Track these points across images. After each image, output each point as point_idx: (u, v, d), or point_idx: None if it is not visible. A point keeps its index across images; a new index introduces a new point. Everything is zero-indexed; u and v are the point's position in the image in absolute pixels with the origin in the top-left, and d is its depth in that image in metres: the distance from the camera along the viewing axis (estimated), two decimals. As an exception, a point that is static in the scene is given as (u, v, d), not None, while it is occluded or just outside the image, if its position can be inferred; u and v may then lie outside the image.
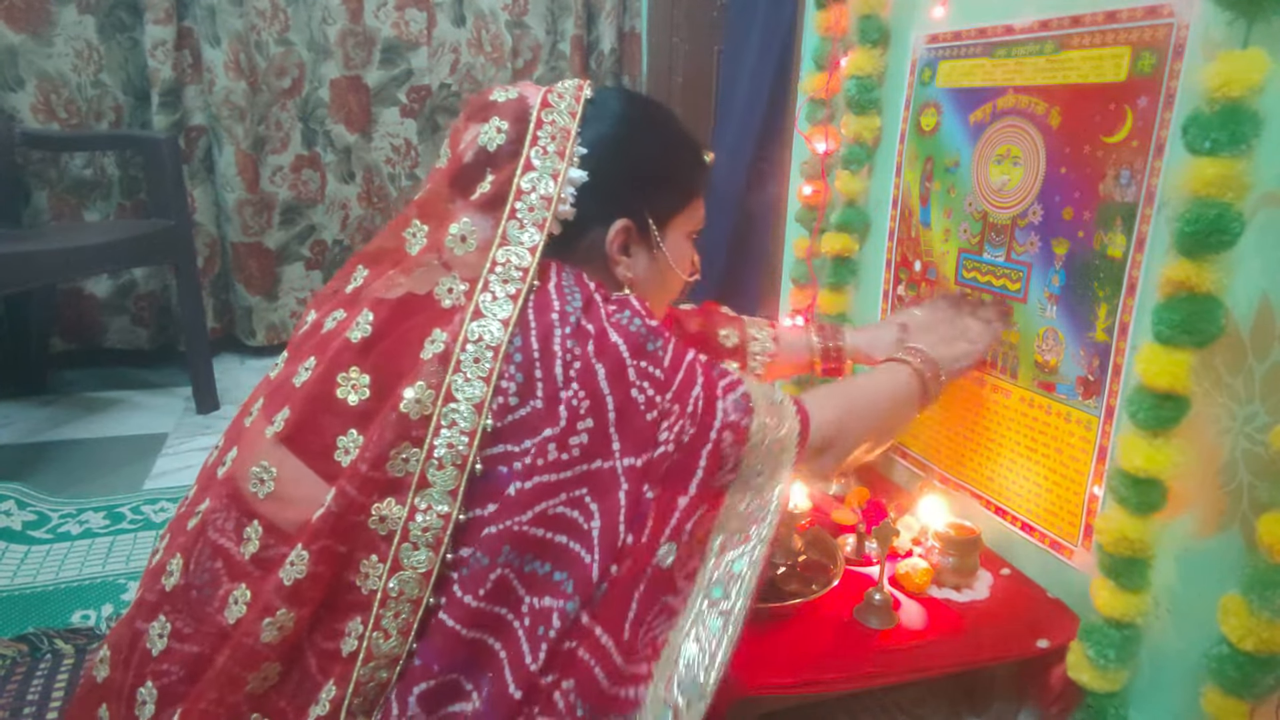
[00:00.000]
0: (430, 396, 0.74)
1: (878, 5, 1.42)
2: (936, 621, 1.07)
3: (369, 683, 0.74)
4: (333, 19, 2.64)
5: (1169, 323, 0.88)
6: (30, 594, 1.45)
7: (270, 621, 0.74)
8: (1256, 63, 0.81)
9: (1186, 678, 0.94)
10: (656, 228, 0.91)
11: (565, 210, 0.83)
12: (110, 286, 2.58)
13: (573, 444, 0.74)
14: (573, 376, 0.75)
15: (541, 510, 0.73)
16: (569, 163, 0.83)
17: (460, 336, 0.76)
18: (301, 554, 0.74)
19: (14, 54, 2.34)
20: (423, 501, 0.73)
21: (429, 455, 0.73)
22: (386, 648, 0.73)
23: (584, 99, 0.87)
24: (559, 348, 0.76)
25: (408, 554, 0.73)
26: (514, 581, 0.74)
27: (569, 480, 0.74)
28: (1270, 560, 0.83)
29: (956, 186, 1.29)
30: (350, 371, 0.79)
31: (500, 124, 0.84)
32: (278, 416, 0.80)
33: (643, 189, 0.90)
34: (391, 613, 0.73)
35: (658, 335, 0.80)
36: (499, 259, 0.80)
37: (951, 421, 1.33)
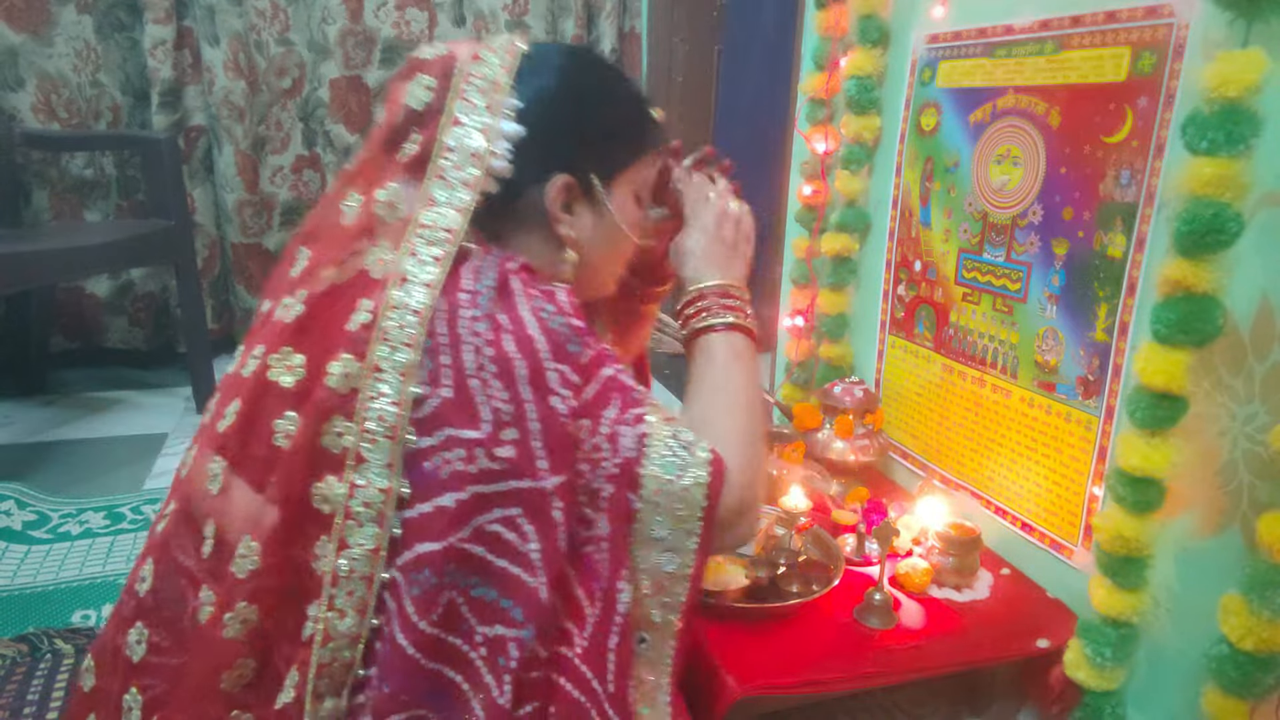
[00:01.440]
0: (357, 368, 0.72)
1: (878, 5, 1.42)
2: (936, 621, 1.07)
3: (332, 663, 0.72)
4: (333, 19, 2.64)
5: (1167, 322, 0.88)
6: (30, 594, 1.45)
7: (232, 616, 0.73)
8: (1256, 63, 0.81)
9: (1186, 677, 0.94)
10: (601, 185, 0.84)
11: (499, 167, 0.78)
12: (110, 287, 2.58)
13: (500, 455, 0.70)
14: (487, 367, 0.71)
15: (479, 526, 0.71)
16: (499, 116, 0.78)
17: (385, 303, 0.73)
18: (251, 545, 0.73)
19: (14, 54, 2.34)
20: (360, 477, 0.71)
21: (361, 429, 0.71)
22: (344, 627, 0.71)
23: (519, 52, 0.82)
24: (465, 331, 0.72)
25: (353, 531, 0.71)
26: (463, 608, 0.71)
27: (501, 495, 0.71)
28: (1270, 560, 0.83)
29: (956, 186, 1.29)
30: (282, 352, 0.76)
31: (427, 81, 0.79)
32: (228, 410, 0.79)
33: (584, 144, 0.84)
34: (345, 591, 0.71)
35: (581, 336, 0.75)
36: (425, 221, 0.76)
37: (951, 421, 1.34)
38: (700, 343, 0.89)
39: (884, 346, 1.51)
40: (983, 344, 1.26)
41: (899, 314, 1.46)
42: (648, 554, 0.77)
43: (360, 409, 0.71)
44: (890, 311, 1.48)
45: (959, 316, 1.31)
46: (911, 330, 1.42)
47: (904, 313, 1.44)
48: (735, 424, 0.82)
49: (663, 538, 0.76)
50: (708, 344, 0.89)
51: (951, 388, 1.33)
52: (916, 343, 1.41)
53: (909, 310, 1.43)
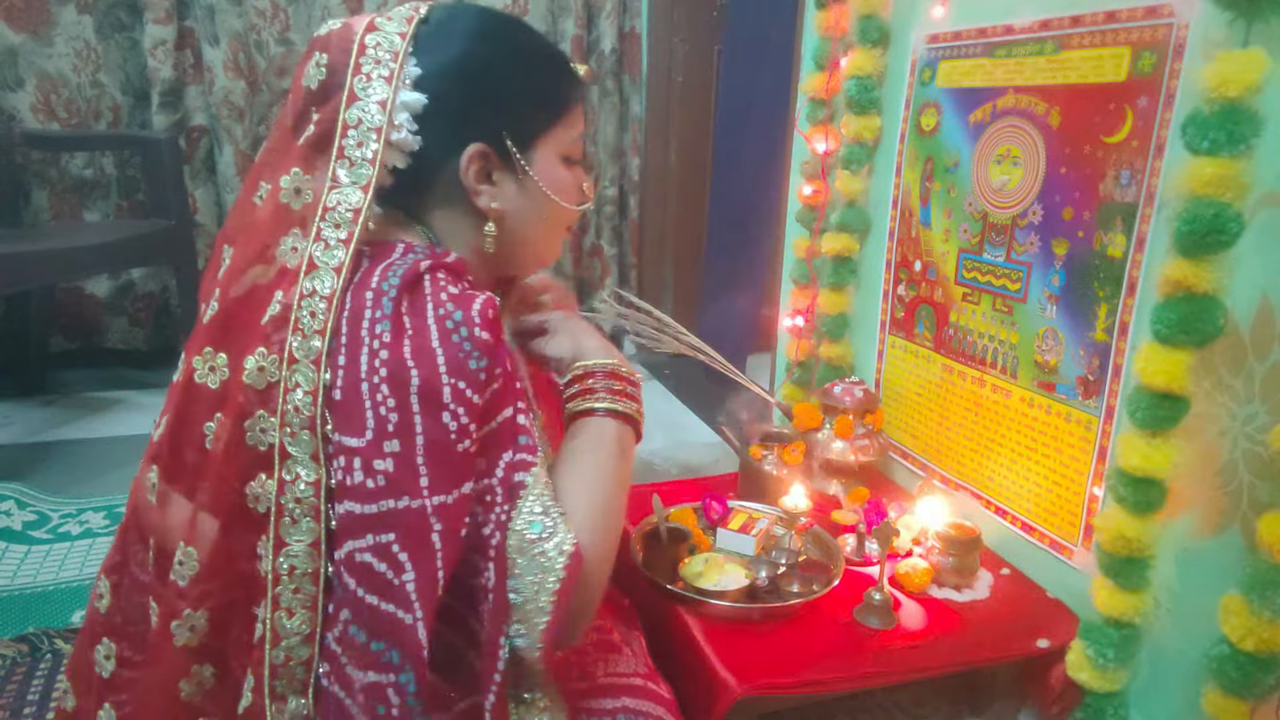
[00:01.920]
0: (273, 361, 0.69)
1: (878, 5, 1.42)
2: (936, 621, 1.07)
3: (287, 663, 0.70)
4: (333, 18, 2.64)
5: (1168, 322, 0.88)
6: (30, 594, 1.45)
7: (179, 624, 0.71)
8: (1256, 62, 0.81)
9: (1187, 677, 0.94)
10: (519, 150, 0.79)
11: (403, 140, 0.75)
12: (110, 287, 2.58)
13: (378, 469, 0.66)
14: (379, 371, 0.67)
15: (349, 553, 0.66)
16: (397, 87, 0.74)
17: (296, 293, 0.70)
18: (188, 551, 0.72)
19: (14, 54, 2.34)
20: (289, 472, 0.69)
21: (282, 422, 0.68)
22: (294, 625, 0.70)
23: (417, 19, 0.77)
24: (365, 333, 0.68)
25: (288, 529, 0.69)
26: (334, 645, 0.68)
27: (374, 518, 0.66)
28: (1270, 560, 0.83)
29: (956, 186, 1.29)
30: (204, 353, 0.74)
31: (321, 58, 0.75)
32: (163, 419, 0.77)
33: (495, 108, 0.79)
34: (290, 589, 0.69)
35: (485, 354, 0.69)
36: (329, 203, 0.72)
37: (951, 421, 1.33)
38: (580, 422, 0.81)
39: (884, 346, 1.51)
40: (983, 344, 1.26)
41: (899, 314, 1.46)
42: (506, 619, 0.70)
43: (279, 402, 0.69)
44: (890, 311, 1.48)
45: (959, 316, 1.31)
46: (911, 330, 1.42)
47: (904, 313, 1.44)
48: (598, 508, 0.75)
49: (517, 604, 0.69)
50: (586, 425, 0.81)
51: (951, 388, 1.33)
52: (916, 343, 1.41)
53: (909, 310, 1.43)
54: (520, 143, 0.80)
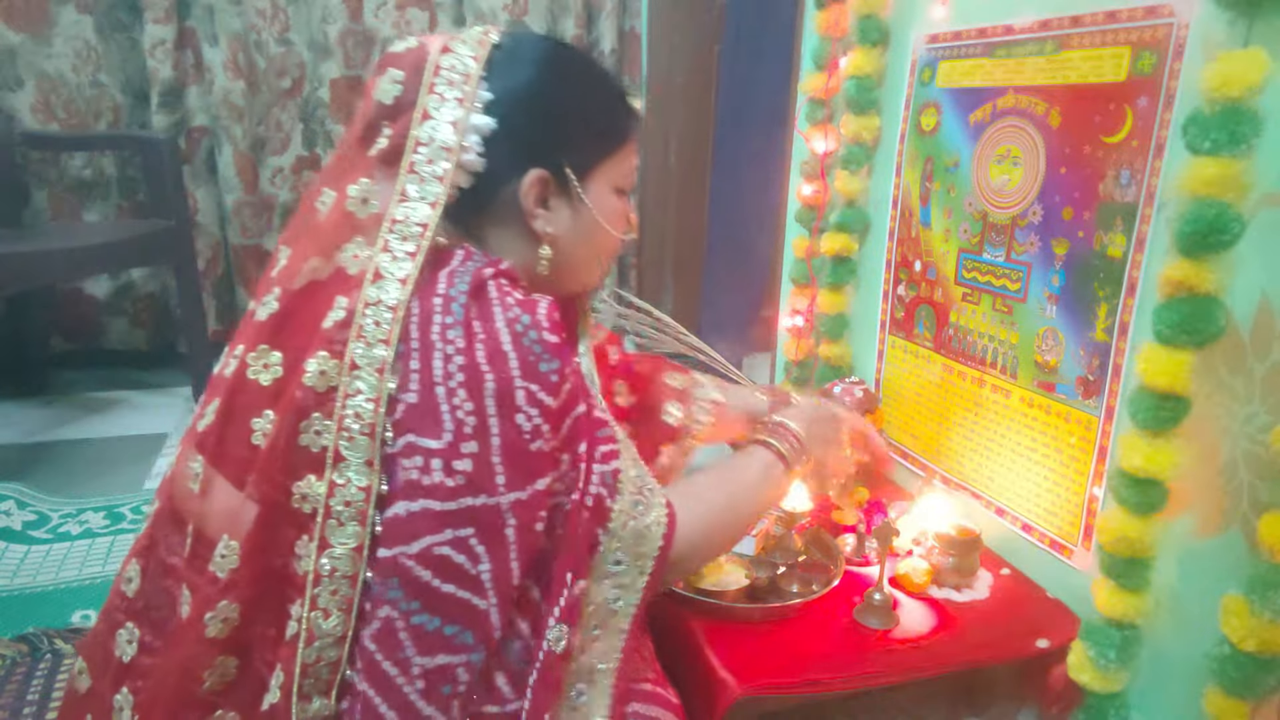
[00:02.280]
0: (334, 366, 0.71)
1: (878, 5, 1.42)
2: (936, 621, 1.07)
3: (317, 663, 0.71)
4: (333, 19, 2.64)
5: (1169, 323, 0.88)
6: (30, 594, 1.45)
7: (213, 615, 0.72)
8: (1256, 63, 0.81)
9: (1188, 678, 0.94)
10: (577, 179, 0.83)
11: (470, 160, 0.78)
12: (110, 288, 2.58)
13: (457, 469, 0.69)
14: (454, 376, 0.70)
15: (427, 547, 0.69)
16: (471, 109, 0.77)
17: (361, 300, 0.72)
18: (230, 544, 0.73)
19: (13, 54, 2.34)
20: (340, 476, 0.70)
21: (339, 427, 0.70)
22: (328, 627, 0.70)
23: (490, 44, 0.81)
24: (437, 337, 0.71)
25: (333, 531, 0.70)
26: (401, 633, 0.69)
27: (453, 514, 0.69)
28: (1271, 560, 0.83)
29: (956, 186, 1.29)
30: (259, 350, 0.75)
31: (396, 74, 0.78)
32: (209, 409, 0.78)
33: (558, 137, 0.83)
34: (328, 591, 0.70)
35: (555, 355, 0.73)
36: (397, 216, 0.75)
37: (951, 421, 1.33)
38: (749, 446, 0.97)
39: (884, 346, 1.51)
40: (983, 344, 1.26)
41: (899, 314, 1.46)
42: (601, 587, 0.78)
43: (338, 407, 0.70)
44: (890, 311, 1.48)
45: (959, 316, 1.31)
46: (911, 330, 1.42)
47: (904, 313, 1.44)
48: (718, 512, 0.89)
49: (617, 573, 0.78)
50: (752, 449, 0.97)
51: (951, 388, 1.33)
52: (916, 343, 1.41)
53: (909, 310, 1.43)
54: (579, 171, 0.84)
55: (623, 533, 0.77)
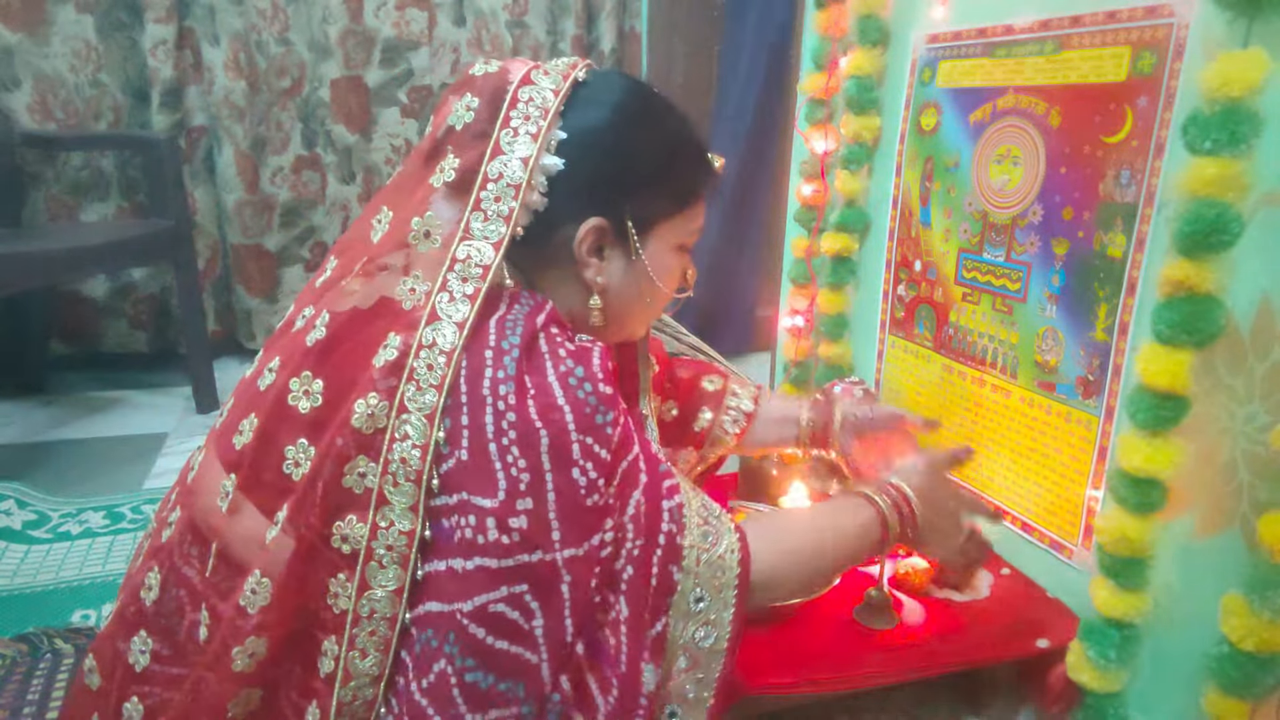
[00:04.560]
0: (384, 408, 0.68)
1: (878, 5, 1.42)
2: (936, 621, 1.07)
3: (353, 702, 0.71)
4: (333, 19, 2.64)
5: (1169, 322, 0.88)
6: (30, 594, 1.45)
7: (240, 650, 0.71)
8: (1256, 63, 0.81)
9: (1187, 678, 0.94)
10: (637, 232, 0.80)
11: (535, 200, 0.75)
12: (109, 289, 2.58)
13: (513, 526, 0.67)
14: (508, 433, 0.68)
15: (482, 605, 0.67)
16: (542, 147, 0.74)
17: (415, 342, 0.69)
18: (262, 581, 0.71)
19: (10, 54, 2.34)
20: (384, 519, 0.68)
21: (384, 470, 0.68)
22: (365, 666, 0.70)
23: (573, 79, 0.77)
24: (489, 393, 0.68)
25: (374, 573, 0.69)
26: (454, 689, 0.68)
27: (508, 571, 0.67)
28: (1270, 560, 0.83)
29: (956, 186, 1.29)
30: (303, 376, 0.73)
31: (471, 101, 0.75)
32: (245, 425, 0.76)
33: (625, 186, 0.79)
34: (366, 631, 0.69)
35: (610, 407, 0.71)
36: (459, 255, 0.72)
37: (951, 421, 1.33)
38: (854, 497, 0.92)
39: (884, 346, 1.51)
40: (983, 344, 1.26)
41: (899, 314, 1.46)
42: (685, 627, 0.75)
43: (384, 450, 0.68)
44: (890, 311, 1.48)
45: (959, 316, 1.31)
46: (911, 330, 1.42)
47: (904, 312, 1.44)
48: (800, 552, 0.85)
49: (700, 610, 0.75)
50: (855, 501, 0.91)
51: (951, 388, 1.33)
52: (916, 342, 1.41)
53: (909, 310, 1.43)
54: (640, 224, 0.80)
55: (698, 568, 0.75)
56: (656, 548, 0.73)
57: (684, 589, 0.75)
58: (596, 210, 0.78)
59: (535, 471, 0.68)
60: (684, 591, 0.75)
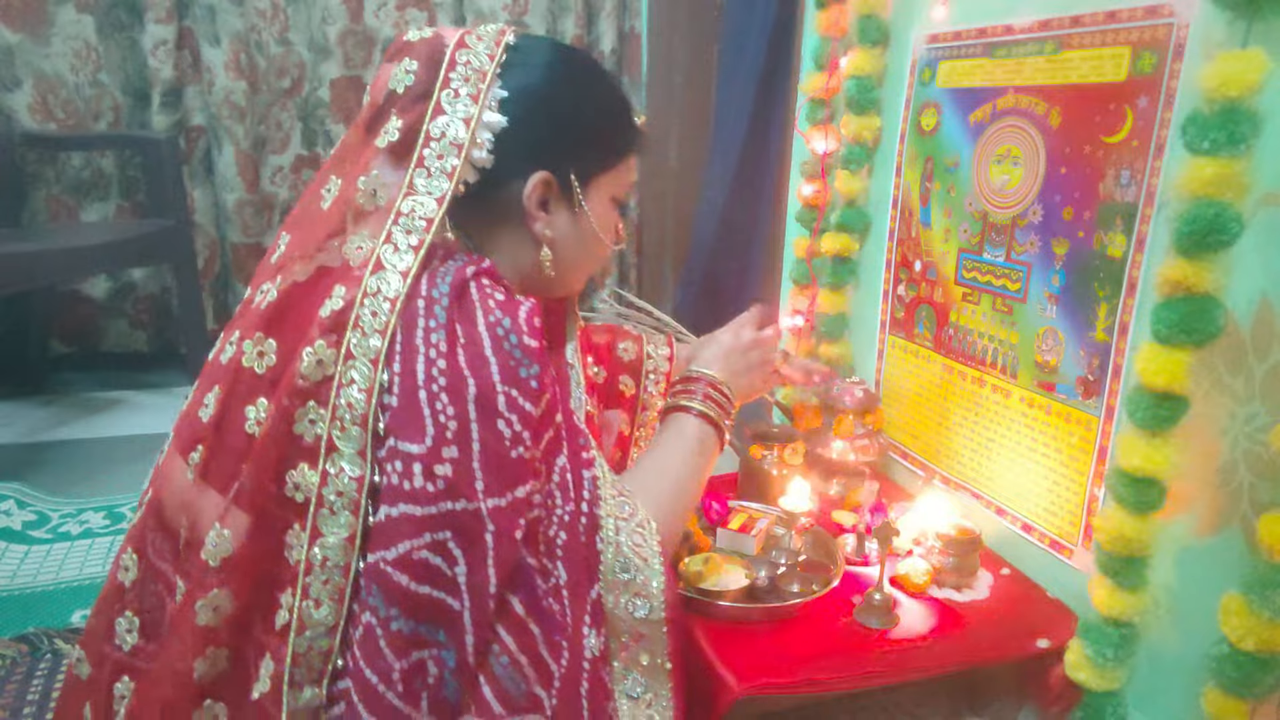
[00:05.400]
0: (331, 355, 0.71)
1: (878, 5, 1.42)
2: (936, 621, 1.07)
3: (308, 652, 0.71)
4: (333, 19, 2.64)
5: (1168, 322, 0.88)
6: (30, 594, 1.45)
7: (204, 603, 0.72)
8: (1256, 63, 0.81)
9: (1187, 677, 0.94)
10: (580, 186, 0.84)
11: (480, 157, 0.78)
12: (109, 289, 2.58)
13: (438, 473, 0.69)
14: (438, 380, 0.70)
15: (406, 552, 0.69)
16: (484, 106, 0.77)
17: (360, 291, 0.72)
18: (223, 533, 0.73)
19: (11, 54, 2.34)
20: (333, 466, 0.70)
21: (333, 416, 0.70)
22: (320, 616, 0.71)
23: (505, 44, 0.80)
24: (421, 341, 0.71)
25: (326, 520, 0.70)
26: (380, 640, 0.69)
27: (432, 519, 0.69)
28: (1270, 560, 0.83)
29: (956, 186, 1.29)
30: (256, 338, 0.75)
31: (410, 65, 0.78)
32: (209, 398, 0.78)
33: (566, 143, 0.83)
34: (320, 580, 0.70)
35: (534, 361, 0.73)
36: (403, 209, 0.75)
37: (951, 421, 1.34)
38: (671, 417, 0.95)
39: (884, 346, 1.51)
40: (983, 344, 1.26)
41: (899, 314, 1.46)
42: (618, 599, 0.77)
43: (332, 396, 0.70)
44: (890, 311, 1.48)
45: (959, 316, 1.31)
46: (911, 330, 1.42)
47: (904, 313, 1.44)
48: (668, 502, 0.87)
49: (628, 580, 0.77)
50: (676, 421, 0.94)
51: (951, 388, 1.33)
52: (916, 343, 1.41)
53: (909, 310, 1.43)
54: (582, 178, 0.84)
55: (618, 537, 0.78)
56: (581, 515, 0.76)
57: (607, 559, 0.77)
58: (541, 165, 0.81)
59: (461, 420, 0.70)
60: (608, 561, 0.77)
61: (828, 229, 1.57)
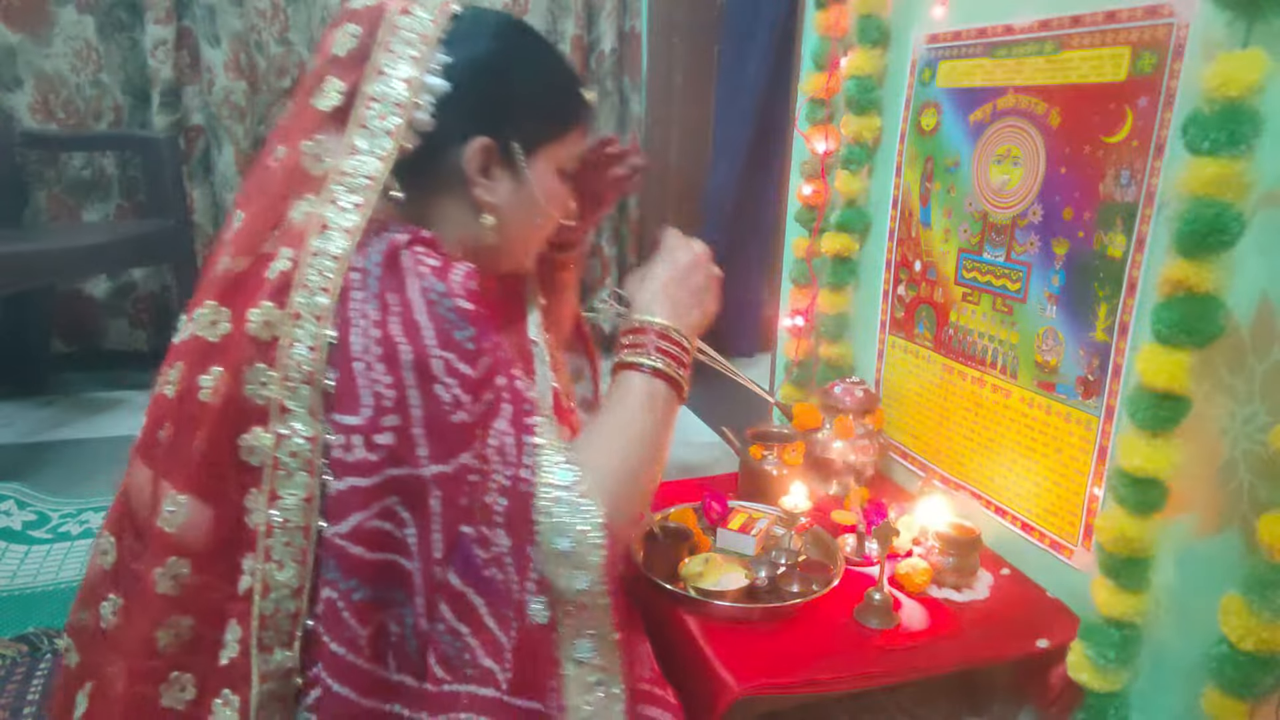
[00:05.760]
0: (278, 315, 0.71)
1: (878, 5, 1.42)
2: (936, 621, 1.07)
3: (275, 615, 0.71)
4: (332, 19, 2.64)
5: (1168, 323, 0.88)
6: (30, 594, 1.45)
7: (163, 572, 0.72)
8: (1256, 63, 0.81)
9: (1187, 678, 0.94)
10: (523, 154, 0.82)
11: (422, 120, 0.77)
12: (109, 288, 2.58)
13: (379, 443, 0.69)
14: (372, 350, 0.70)
15: (357, 524, 0.69)
16: (425, 69, 0.77)
17: (306, 250, 0.72)
18: (178, 499, 0.73)
19: (12, 54, 2.34)
20: (285, 427, 0.70)
21: (284, 377, 0.70)
22: (284, 578, 0.71)
23: (450, 12, 0.80)
24: (355, 313, 0.71)
25: (282, 482, 0.70)
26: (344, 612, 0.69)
27: (379, 487, 0.70)
28: (1270, 560, 0.83)
29: (956, 186, 1.29)
30: (209, 306, 0.75)
31: (353, 29, 0.78)
32: (172, 375, 0.78)
33: (509, 110, 0.82)
34: (281, 542, 0.71)
35: (471, 324, 0.72)
36: (346, 169, 0.74)
37: (951, 421, 1.33)
38: (622, 376, 0.84)
39: (884, 346, 1.51)
40: (983, 344, 1.26)
41: (899, 314, 1.46)
42: (557, 569, 0.74)
43: (280, 356, 0.70)
44: (890, 311, 1.48)
45: (959, 316, 1.31)
46: (911, 330, 1.42)
47: (904, 313, 1.44)
48: (622, 469, 0.78)
49: (567, 553, 0.73)
50: (627, 380, 0.83)
51: (951, 388, 1.33)
52: (916, 343, 1.41)
53: (909, 310, 1.43)
54: (525, 146, 0.83)
55: (555, 508, 0.73)
56: (520, 482, 0.74)
57: (544, 529, 0.73)
58: (483, 131, 0.80)
59: (399, 388, 0.69)
60: (544, 531, 0.73)
61: (828, 229, 1.57)
